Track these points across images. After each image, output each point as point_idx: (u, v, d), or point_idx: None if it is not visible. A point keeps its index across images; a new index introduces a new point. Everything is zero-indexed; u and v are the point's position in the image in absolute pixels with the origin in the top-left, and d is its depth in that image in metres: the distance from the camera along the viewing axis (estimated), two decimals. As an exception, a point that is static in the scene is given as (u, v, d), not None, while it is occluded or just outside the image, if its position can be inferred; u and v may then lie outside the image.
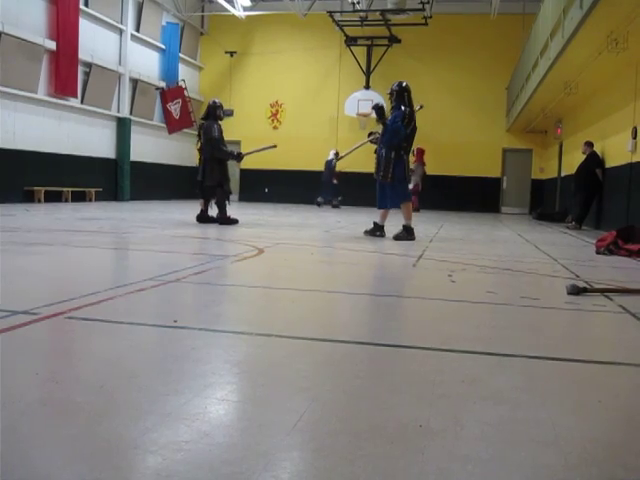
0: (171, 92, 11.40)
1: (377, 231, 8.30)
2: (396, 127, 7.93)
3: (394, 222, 8.87)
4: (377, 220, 8.38)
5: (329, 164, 18.88)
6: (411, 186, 18.20)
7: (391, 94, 8.23)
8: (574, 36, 8.98)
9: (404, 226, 8.04)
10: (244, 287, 4.18)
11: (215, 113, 9.54)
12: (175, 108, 11.08)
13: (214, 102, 9.68)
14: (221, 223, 9.37)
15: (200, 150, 9.61)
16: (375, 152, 8.29)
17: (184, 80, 11.67)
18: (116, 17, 17.76)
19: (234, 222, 9.53)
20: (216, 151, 9.35)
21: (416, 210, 18.00)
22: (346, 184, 19.40)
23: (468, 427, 1.72)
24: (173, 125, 11.47)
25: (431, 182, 20.59)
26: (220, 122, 9.63)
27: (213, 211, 9.61)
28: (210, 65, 23.06)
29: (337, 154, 18.83)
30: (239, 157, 9.83)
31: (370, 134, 8.87)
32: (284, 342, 2.61)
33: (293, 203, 19.28)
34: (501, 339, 2.84)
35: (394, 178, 7.99)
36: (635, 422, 1.88)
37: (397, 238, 7.91)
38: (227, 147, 9.66)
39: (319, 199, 18.86)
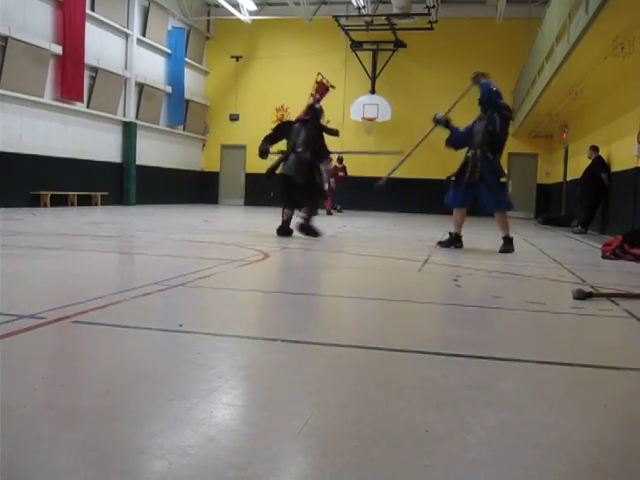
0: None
1: (456, 242, 7.92)
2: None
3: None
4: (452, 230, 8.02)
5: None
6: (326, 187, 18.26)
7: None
8: (580, 40, 8.97)
9: (504, 237, 7.87)
10: (249, 291, 4.19)
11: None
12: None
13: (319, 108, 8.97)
14: (307, 232, 8.22)
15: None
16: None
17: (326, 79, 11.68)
18: (122, 21, 17.85)
19: (317, 234, 8.22)
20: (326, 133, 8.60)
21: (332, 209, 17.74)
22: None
23: (474, 432, 1.72)
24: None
25: (436, 186, 20.52)
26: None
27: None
28: (216, 69, 23.12)
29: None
30: (335, 132, 8.88)
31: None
32: (289, 346, 2.61)
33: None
34: (507, 344, 2.84)
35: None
36: (642, 428, 1.88)
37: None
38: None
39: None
